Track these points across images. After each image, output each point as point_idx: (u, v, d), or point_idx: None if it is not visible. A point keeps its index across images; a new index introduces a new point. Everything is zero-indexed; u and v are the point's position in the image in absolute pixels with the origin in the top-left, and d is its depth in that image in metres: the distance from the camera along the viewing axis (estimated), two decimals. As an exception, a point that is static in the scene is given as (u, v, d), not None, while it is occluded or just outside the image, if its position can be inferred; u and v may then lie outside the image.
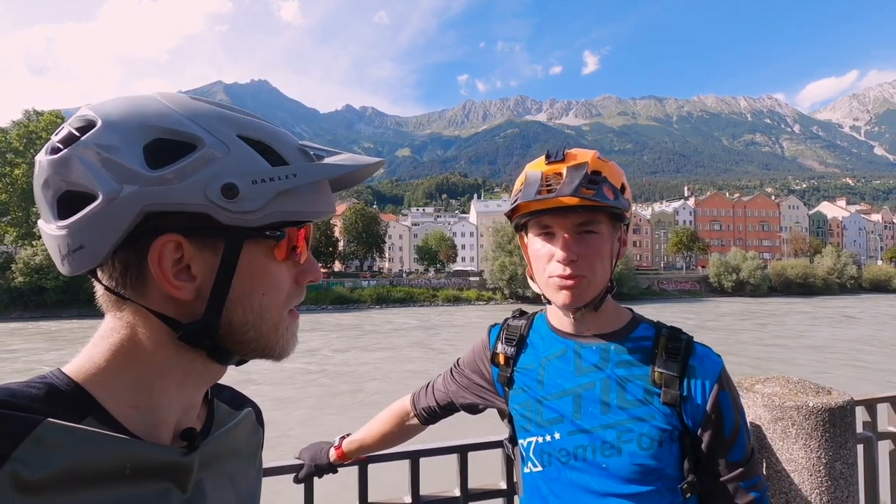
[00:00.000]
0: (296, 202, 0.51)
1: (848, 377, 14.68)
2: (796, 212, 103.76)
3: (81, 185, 0.45)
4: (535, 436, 0.97)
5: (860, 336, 24.69)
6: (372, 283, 51.21)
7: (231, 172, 0.47)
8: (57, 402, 0.44)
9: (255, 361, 0.54)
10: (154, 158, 0.46)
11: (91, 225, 0.45)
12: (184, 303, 0.49)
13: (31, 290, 35.69)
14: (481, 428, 1.58)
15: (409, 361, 18.76)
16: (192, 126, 0.48)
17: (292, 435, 9.64)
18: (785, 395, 1.56)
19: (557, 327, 1.01)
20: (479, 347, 1.13)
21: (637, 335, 0.96)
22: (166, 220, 0.46)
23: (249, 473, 0.63)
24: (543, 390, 0.97)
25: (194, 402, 0.55)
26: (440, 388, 1.18)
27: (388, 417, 1.24)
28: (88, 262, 0.47)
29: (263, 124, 0.52)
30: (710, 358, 0.92)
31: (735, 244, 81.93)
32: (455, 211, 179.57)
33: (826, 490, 1.49)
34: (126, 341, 0.49)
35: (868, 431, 1.84)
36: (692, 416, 0.88)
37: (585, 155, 0.93)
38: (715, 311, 39.55)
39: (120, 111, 0.47)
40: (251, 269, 0.51)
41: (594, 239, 0.91)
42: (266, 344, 0.53)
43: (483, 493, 1.47)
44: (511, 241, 48.96)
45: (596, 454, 0.90)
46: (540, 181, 0.90)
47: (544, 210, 0.90)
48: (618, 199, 0.90)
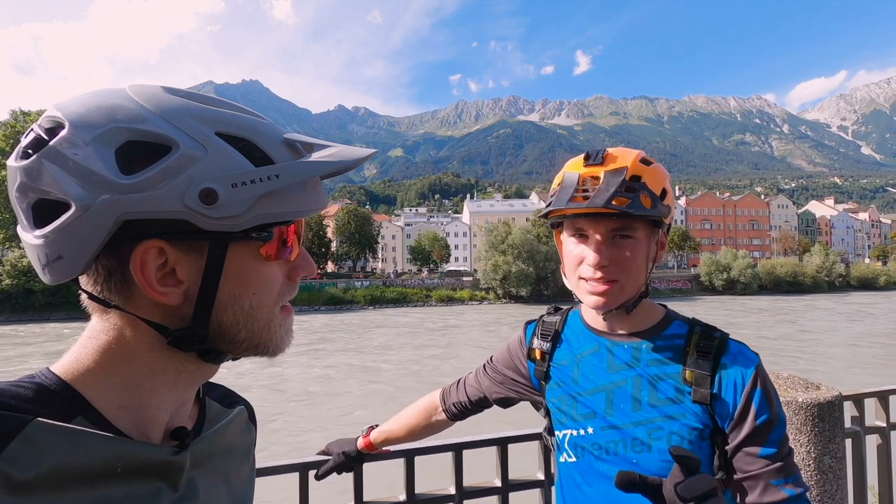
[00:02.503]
0: (281, 203, 0.49)
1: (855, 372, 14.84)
2: (785, 211, 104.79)
3: (53, 193, 0.44)
4: (569, 429, 0.98)
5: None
6: (365, 283, 50.94)
7: (209, 176, 0.45)
8: (46, 402, 0.44)
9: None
10: (127, 163, 0.44)
11: (67, 235, 0.44)
12: (171, 307, 0.47)
13: (18, 292, 35.14)
14: (478, 426, 1.58)
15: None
16: (165, 126, 0.45)
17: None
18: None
19: (591, 325, 1.02)
20: (514, 343, 1.14)
21: (669, 333, 0.95)
22: (146, 226, 0.45)
23: (242, 471, 0.63)
24: (577, 386, 0.99)
25: (185, 401, 0.55)
26: (472, 383, 1.19)
27: (415, 411, 1.26)
28: (69, 272, 0.46)
29: (246, 118, 0.50)
30: (743, 355, 0.91)
31: (725, 243, 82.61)
32: (448, 211, 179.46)
33: (815, 484, 1.51)
34: (114, 343, 0.48)
35: (856, 426, 1.87)
36: (723, 414, 0.87)
37: (626, 158, 0.90)
38: (733, 309, 39.90)
39: (88, 111, 0.45)
40: (238, 270, 0.49)
41: (629, 244, 0.90)
42: (259, 342, 0.52)
43: (478, 491, 1.48)
44: (504, 240, 49.10)
45: (627, 450, 0.90)
46: (576, 185, 0.89)
47: (581, 214, 0.89)
48: (655, 206, 0.87)
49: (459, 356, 19.73)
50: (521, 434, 1.51)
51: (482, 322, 33.59)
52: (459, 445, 1.46)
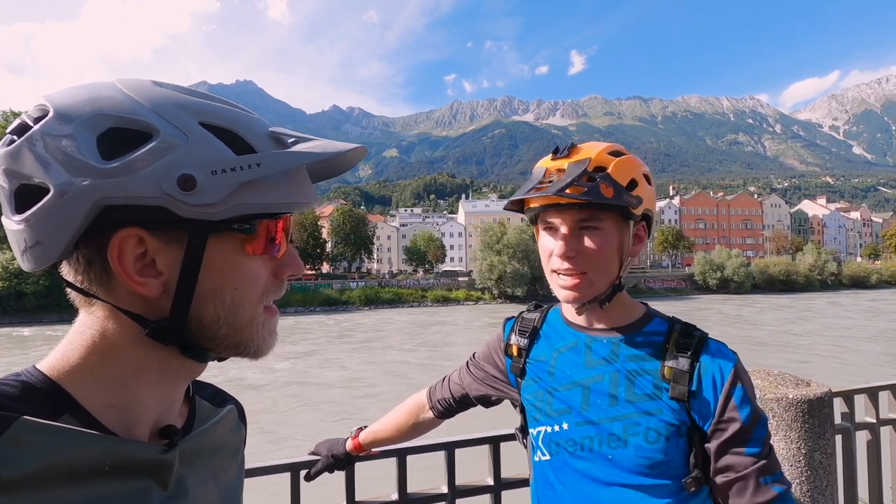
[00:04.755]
0: (264, 193, 0.48)
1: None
2: (778, 210, 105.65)
3: (34, 177, 0.44)
4: (544, 425, 0.98)
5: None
6: (360, 284, 50.88)
7: (189, 163, 0.45)
8: (33, 400, 0.43)
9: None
10: (108, 149, 0.44)
11: (45, 220, 0.44)
12: (151, 299, 0.47)
13: (10, 294, 34.85)
14: (472, 426, 1.58)
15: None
16: (148, 114, 0.45)
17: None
18: (766, 387, 1.59)
19: (570, 320, 1.02)
20: (494, 340, 1.15)
21: (649, 330, 0.95)
22: (125, 214, 0.44)
23: (232, 470, 0.63)
24: (554, 381, 0.98)
25: (173, 399, 0.54)
26: (456, 380, 1.19)
27: (403, 411, 1.25)
28: (46, 258, 0.45)
29: (231, 110, 0.50)
30: (722, 353, 0.91)
31: (719, 242, 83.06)
32: (443, 211, 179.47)
33: (806, 480, 1.52)
34: (98, 338, 0.47)
35: (846, 422, 1.88)
36: (701, 412, 0.88)
37: (592, 150, 0.91)
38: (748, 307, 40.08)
39: (74, 100, 0.45)
40: (220, 263, 0.49)
41: (596, 235, 0.89)
42: (240, 341, 0.52)
43: (471, 490, 1.48)
44: (499, 240, 49.16)
45: (602, 445, 0.90)
46: (541, 177, 0.90)
47: (548, 206, 0.90)
48: (619, 196, 0.87)
49: (455, 355, 19.73)
50: (513, 432, 1.51)
51: (478, 322, 33.58)
52: (452, 444, 1.46)
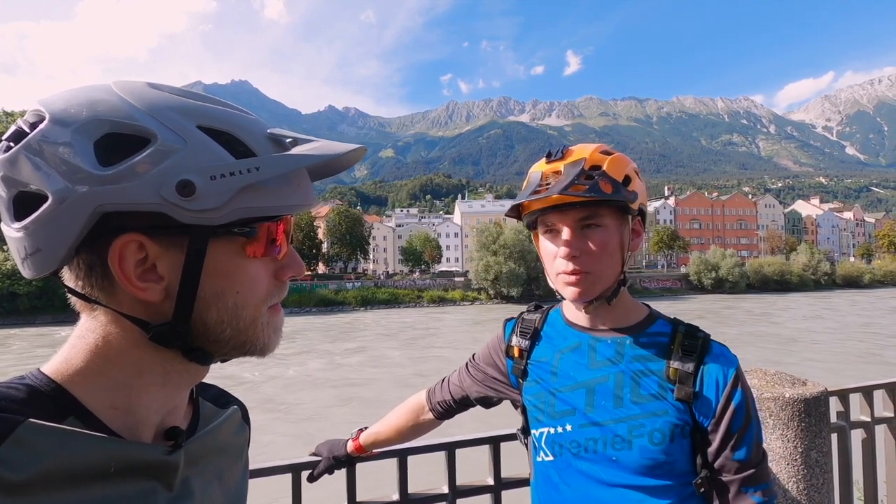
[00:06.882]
0: (264, 197, 0.48)
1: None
2: (772, 210, 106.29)
3: (31, 185, 0.44)
4: (547, 427, 0.98)
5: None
6: (356, 284, 50.80)
7: (187, 168, 0.44)
8: (37, 403, 0.44)
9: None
10: (105, 155, 0.44)
11: (45, 227, 0.44)
12: (153, 304, 0.47)
13: (3, 295, 34.58)
14: (473, 426, 1.59)
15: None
16: (145, 119, 0.45)
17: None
18: (762, 386, 1.61)
19: (573, 321, 1.02)
20: (494, 341, 1.14)
21: (653, 331, 0.96)
22: (125, 220, 0.44)
23: (236, 470, 0.63)
24: (557, 382, 0.98)
25: (177, 401, 0.54)
26: (455, 382, 1.19)
27: (403, 412, 1.26)
28: (47, 265, 0.45)
29: (230, 112, 0.50)
30: (725, 356, 0.92)
31: (714, 242, 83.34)
32: (439, 212, 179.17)
33: (802, 478, 1.54)
34: (101, 342, 0.48)
35: (841, 421, 1.90)
36: (704, 413, 0.89)
37: (585, 150, 0.92)
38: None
39: (70, 104, 0.45)
40: (221, 267, 0.49)
41: (597, 233, 0.91)
42: (245, 341, 0.52)
43: (471, 490, 1.48)
44: (495, 241, 49.17)
45: (607, 447, 0.90)
46: (539, 181, 0.92)
47: (547, 208, 0.91)
48: (618, 191, 0.88)
49: (449, 357, 19.72)
50: (514, 432, 1.51)
51: (473, 321, 33.58)
52: (452, 444, 1.47)
